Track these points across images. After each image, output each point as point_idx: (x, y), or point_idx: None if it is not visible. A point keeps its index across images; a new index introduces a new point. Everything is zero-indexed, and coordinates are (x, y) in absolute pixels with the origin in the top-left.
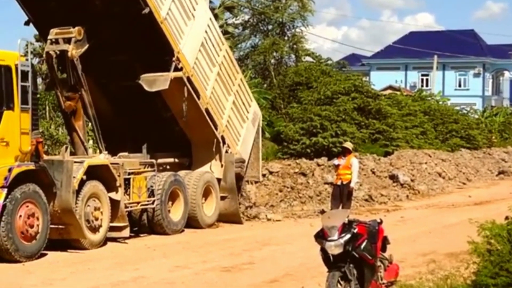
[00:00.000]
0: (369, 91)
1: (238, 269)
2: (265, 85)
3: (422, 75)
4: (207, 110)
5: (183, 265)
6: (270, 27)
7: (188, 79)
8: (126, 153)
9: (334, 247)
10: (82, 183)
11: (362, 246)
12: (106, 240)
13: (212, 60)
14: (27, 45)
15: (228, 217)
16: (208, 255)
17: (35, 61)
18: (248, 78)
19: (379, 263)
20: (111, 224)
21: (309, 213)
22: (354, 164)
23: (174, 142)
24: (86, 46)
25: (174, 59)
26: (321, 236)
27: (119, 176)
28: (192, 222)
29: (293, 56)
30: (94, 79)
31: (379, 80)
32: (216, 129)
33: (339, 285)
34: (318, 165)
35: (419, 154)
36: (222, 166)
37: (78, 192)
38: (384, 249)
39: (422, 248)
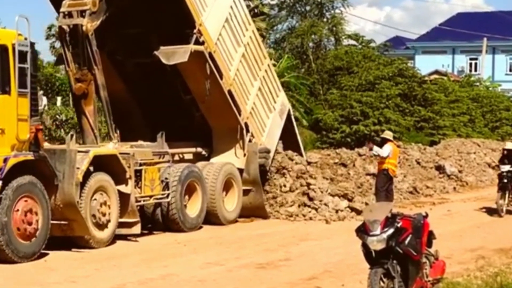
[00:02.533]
0: (414, 76)
1: (274, 266)
2: (303, 70)
3: (471, 59)
4: (230, 93)
5: (215, 261)
6: (308, 8)
7: (210, 55)
8: (141, 142)
9: (377, 242)
10: (87, 175)
11: (406, 241)
12: (114, 238)
13: (237, 39)
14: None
15: (253, 211)
16: (241, 251)
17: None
18: (285, 62)
19: (424, 260)
20: (121, 220)
21: None
22: (386, 147)
23: (194, 130)
24: (102, 19)
25: (195, 31)
26: (362, 231)
27: (129, 167)
28: (211, 218)
29: (332, 39)
30: (107, 56)
31: (425, 64)
32: (240, 114)
33: (381, 283)
34: (360, 155)
35: (467, 143)
36: (244, 155)
37: (82, 185)
38: (429, 244)
39: (470, 244)
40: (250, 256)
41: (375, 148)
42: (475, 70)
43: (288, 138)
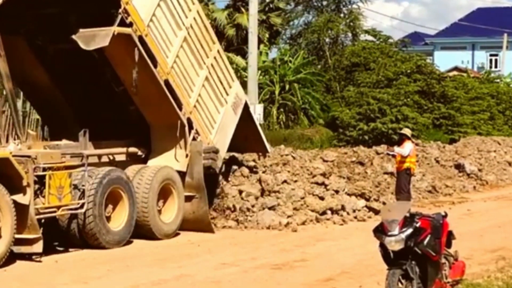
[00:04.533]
0: (433, 73)
1: (290, 267)
2: (319, 66)
3: (491, 55)
4: (167, 83)
5: (230, 262)
6: (324, 2)
7: (141, 39)
8: (66, 141)
9: (395, 243)
10: None
11: (425, 242)
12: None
13: (177, 21)
14: None
15: (196, 224)
16: (257, 252)
17: None
18: (301, 58)
19: (443, 260)
20: (19, 236)
21: None
22: (407, 146)
23: (130, 127)
24: None
25: (120, 10)
26: (380, 231)
27: (26, 172)
28: (143, 231)
29: (349, 34)
30: (26, 40)
31: (444, 60)
32: (180, 109)
33: (400, 284)
34: (377, 153)
35: (487, 141)
36: (187, 156)
37: None
38: (449, 244)
39: (491, 244)
40: (266, 257)
41: (396, 149)
42: (496, 67)
43: (250, 135)
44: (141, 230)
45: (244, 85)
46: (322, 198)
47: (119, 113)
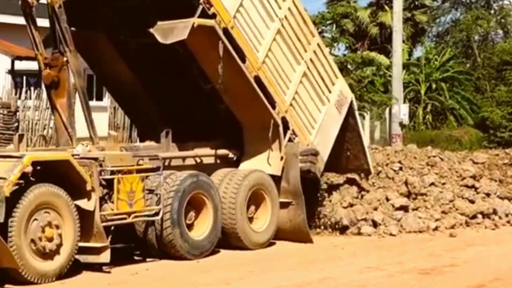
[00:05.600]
0: None
1: (439, 272)
2: (467, 65)
3: None
4: (258, 79)
5: (376, 266)
6: None
7: (226, 32)
8: (149, 142)
9: None
10: (25, 188)
11: None
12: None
13: (268, 12)
14: None
15: (293, 233)
16: (404, 256)
17: None
18: (448, 55)
19: None
20: (87, 245)
21: None
22: None
23: (221, 127)
24: None
25: (201, 0)
26: None
27: (91, 176)
28: (232, 240)
29: (500, 32)
30: (107, 35)
31: None
32: (274, 107)
33: None
34: None
35: None
36: (282, 159)
37: (15, 201)
38: None
39: None
40: (413, 261)
41: None
42: None
43: (351, 147)
44: (230, 239)
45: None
46: (472, 202)
47: (208, 112)
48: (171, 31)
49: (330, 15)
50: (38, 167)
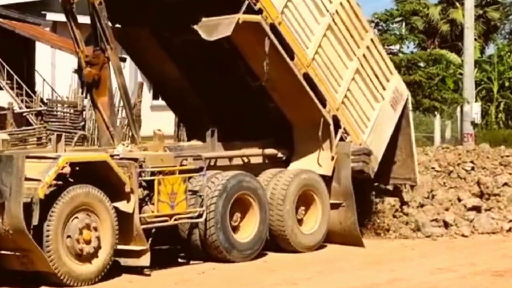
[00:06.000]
0: None
1: None
2: None
3: None
4: (307, 77)
5: (447, 267)
6: None
7: (274, 28)
8: (195, 142)
9: None
10: (62, 189)
11: None
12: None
13: (318, 7)
14: None
15: (343, 236)
16: (476, 257)
17: None
18: None
19: None
20: (126, 247)
21: None
22: None
23: (270, 126)
24: None
25: None
26: None
27: (130, 177)
28: (280, 243)
29: None
30: (151, 32)
31: None
32: (324, 105)
33: None
34: None
35: None
36: (333, 159)
37: (50, 202)
38: None
39: None
40: (485, 263)
41: None
42: None
43: (399, 141)
44: (278, 242)
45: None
46: None
47: (257, 111)
48: (216, 28)
49: (398, 13)
50: (77, 168)
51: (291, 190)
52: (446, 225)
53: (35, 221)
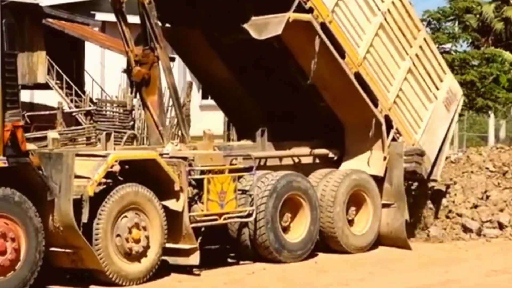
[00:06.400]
0: None
1: None
2: None
3: None
4: (358, 76)
5: (502, 269)
6: None
7: (324, 27)
8: (245, 141)
9: None
10: (112, 187)
11: None
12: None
13: (370, 6)
14: None
15: (390, 238)
16: None
17: None
18: None
19: None
20: (175, 246)
21: None
22: None
23: (320, 126)
24: None
25: None
26: None
27: (179, 176)
28: (330, 243)
29: None
30: (202, 32)
31: None
32: (376, 105)
33: None
34: None
35: None
36: (385, 159)
37: (99, 200)
38: None
39: None
40: None
41: None
42: None
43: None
44: (328, 242)
45: None
46: None
47: (308, 111)
48: (265, 27)
49: (451, 11)
50: (126, 166)
51: (341, 191)
52: (501, 226)
53: (84, 218)
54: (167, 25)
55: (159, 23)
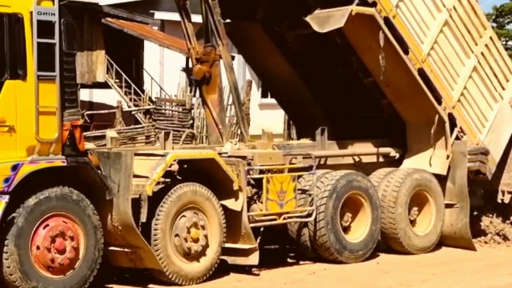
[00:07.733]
0: None
1: None
2: None
3: None
4: (422, 73)
5: None
6: None
7: (388, 21)
8: (305, 140)
9: None
10: (170, 187)
11: None
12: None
13: (435, 2)
14: None
15: (454, 239)
16: None
17: None
18: None
19: None
20: (234, 246)
21: None
22: None
23: (382, 124)
24: None
25: None
26: None
27: (238, 175)
28: (392, 244)
29: None
30: (263, 26)
31: None
32: (440, 103)
33: None
34: None
35: None
36: (448, 158)
37: (158, 199)
38: None
39: None
40: None
41: None
42: None
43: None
44: (390, 243)
45: None
46: None
47: (370, 108)
48: (328, 20)
49: None
50: (184, 166)
51: (403, 192)
52: None
53: (143, 218)
54: (228, 20)
55: (222, 20)
